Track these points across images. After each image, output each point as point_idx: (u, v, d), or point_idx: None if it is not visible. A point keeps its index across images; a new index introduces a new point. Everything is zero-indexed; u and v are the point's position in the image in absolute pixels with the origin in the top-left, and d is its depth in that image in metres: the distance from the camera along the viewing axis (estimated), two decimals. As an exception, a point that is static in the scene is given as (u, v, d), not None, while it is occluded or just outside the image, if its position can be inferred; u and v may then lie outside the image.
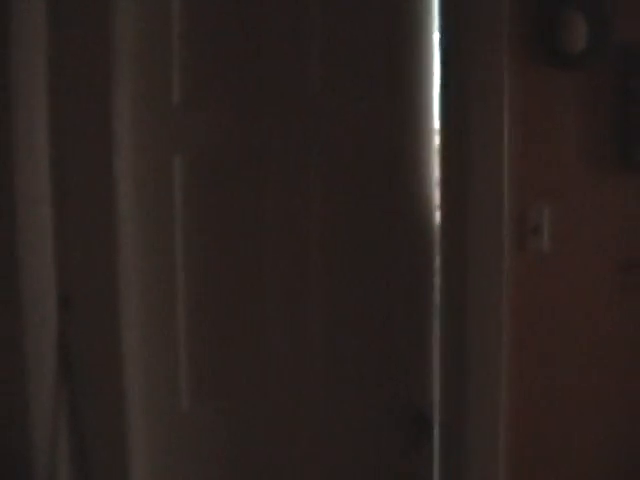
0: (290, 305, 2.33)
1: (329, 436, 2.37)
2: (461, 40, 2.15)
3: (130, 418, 2.19)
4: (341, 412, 2.36)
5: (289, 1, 2.25)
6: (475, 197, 2.17)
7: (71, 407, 2.12)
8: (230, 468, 2.35)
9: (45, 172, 2.09)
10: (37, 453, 2.04)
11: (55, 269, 2.12)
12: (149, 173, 2.23)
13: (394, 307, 2.34)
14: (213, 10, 2.23)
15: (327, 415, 2.37)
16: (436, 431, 2.34)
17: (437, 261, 2.30)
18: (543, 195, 2.20)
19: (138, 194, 2.22)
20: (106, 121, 2.12)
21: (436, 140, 2.28)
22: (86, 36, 2.10)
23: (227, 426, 2.34)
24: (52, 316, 2.11)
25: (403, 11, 2.25)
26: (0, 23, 2.00)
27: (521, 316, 2.21)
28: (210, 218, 2.28)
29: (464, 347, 2.21)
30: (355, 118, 2.29)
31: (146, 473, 2.27)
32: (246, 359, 2.33)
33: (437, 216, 2.29)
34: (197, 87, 2.24)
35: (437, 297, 2.31)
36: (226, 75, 2.25)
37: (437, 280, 2.31)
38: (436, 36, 2.25)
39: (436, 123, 2.27)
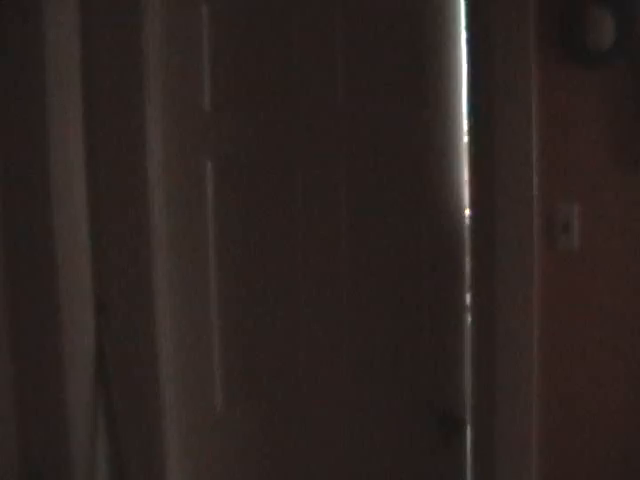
0: (321, 307, 2.35)
1: (360, 436, 2.39)
2: (488, 40, 2.16)
3: (165, 420, 2.22)
4: (371, 413, 2.38)
5: (316, 8, 2.27)
6: (505, 196, 2.18)
7: (108, 409, 2.15)
8: (263, 468, 2.38)
9: (81, 180, 2.12)
10: (75, 453, 2.08)
11: (91, 275, 2.15)
12: (181, 178, 2.26)
13: (424, 307, 2.36)
14: (242, 18, 2.26)
15: (358, 416, 2.39)
16: (468, 431, 2.35)
17: (468, 260, 2.31)
18: (572, 193, 2.20)
19: (171, 199, 2.25)
20: (139, 128, 2.15)
21: (465, 140, 2.29)
22: (119, 45, 2.14)
23: (260, 427, 2.36)
24: (89, 321, 2.14)
25: (430, 13, 2.27)
26: (35, 42, 2.04)
27: (551, 314, 2.22)
28: (242, 221, 2.30)
29: (494, 346, 2.21)
30: (383, 121, 2.31)
31: (181, 473, 2.30)
32: (278, 362, 2.35)
33: (467, 216, 2.31)
34: (227, 94, 2.27)
35: (468, 297, 2.33)
36: (255, 81, 2.28)
37: (467, 279, 2.32)
38: (463, 37, 2.26)
39: (465, 123, 2.29)
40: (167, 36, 2.22)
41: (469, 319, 2.30)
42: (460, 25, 2.27)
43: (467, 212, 2.30)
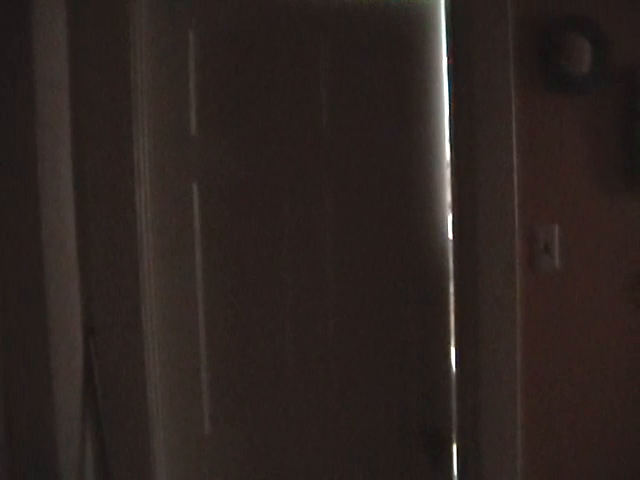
0: (308, 329, 2.37)
1: (348, 458, 2.40)
2: (469, 67, 2.23)
3: (154, 441, 2.20)
4: (359, 433, 2.40)
5: (301, 34, 2.32)
6: (486, 218, 2.24)
7: (97, 432, 2.14)
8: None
9: (69, 202, 2.12)
10: (64, 474, 2.06)
11: (80, 298, 2.14)
12: (168, 201, 2.27)
13: (411, 330, 2.39)
14: (228, 44, 2.29)
15: (346, 437, 2.40)
16: (455, 450, 2.38)
17: (451, 282, 2.36)
18: (552, 215, 2.27)
19: (158, 221, 2.25)
20: (126, 152, 2.16)
21: (447, 164, 2.35)
22: (106, 71, 2.15)
23: (248, 449, 2.36)
24: (78, 344, 2.13)
25: (412, 42, 2.34)
26: (24, 65, 2.05)
27: (534, 333, 2.27)
28: (228, 243, 2.32)
29: (479, 365, 2.25)
30: (366, 143, 2.36)
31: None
32: (266, 383, 2.36)
33: (450, 238, 2.36)
34: (213, 118, 2.30)
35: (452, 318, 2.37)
36: (241, 105, 2.31)
37: (451, 301, 2.37)
38: (444, 66, 2.32)
39: (447, 147, 2.34)
40: (154, 60, 2.24)
41: (454, 339, 2.34)
42: (441, 55, 2.34)
43: (450, 233, 2.35)
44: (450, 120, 2.31)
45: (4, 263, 2.05)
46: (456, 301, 2.32)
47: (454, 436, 2.38)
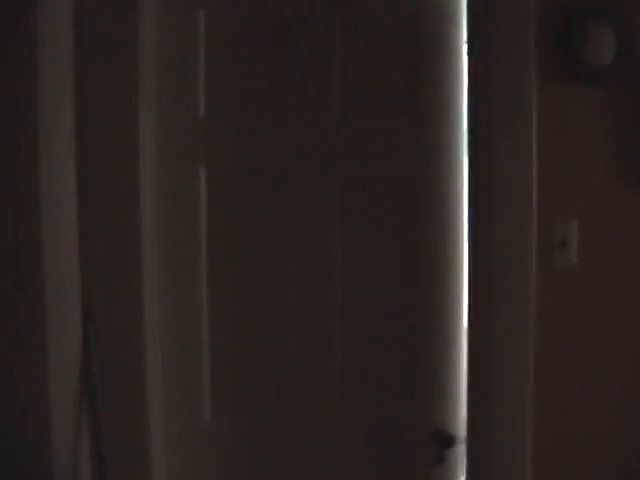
0: (313, 321, 2.29)
1: (351, 453, 2.33)
2: (488, 59, 2.17)
3: (152, 431, 2.11)
4: (364, 430, 2.33)
5: (314, 19, 2.25)
6: (503, 213, 2.17)
7: (93, 419, 2.05)
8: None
9: (71, 185, 2.03)
10: (58, 462, 1.99)
11: (80, 283, 2.05)
12: (174, 185, 2.19)
13: (420, 326, 2.33)
14: (238, 27, 2.21)
15: (348, 432, 2.33)
16: (462, 448, 2.32)
17: (465, 277, 2.29)
18: (571, 211, 2.21)
19: (163, 206, 2.17)
20: (133, 133, 2.07)
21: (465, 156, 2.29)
22: (113, 49, 2.06)
23: (248, 440, 2.28)
24: (76, 330, 2.05)
25: (430, 29, 2.27)
26: (26, 46, 1.98)
27: (549, 330, 2.20)
28: (235, 228, 2.24)
29: (492, 363, 2.19)
30: (379, 135, 2.29)
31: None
32: (268, 375, 2.28)
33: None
34: (222, 101, 2.22)
35: (464, 315, 2.30)
36: (251, 88, 2.23)
37: (465, 297, 2.30)
38: (463, 56, 2.27)
39: (465, 139, 2.28)
40: (162, 40, 2.15)
41: (467, 336, 2.27)
42: (461, 42, 2.28)
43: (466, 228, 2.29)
44: (468, 111, 2.24)
45: (2, 247, 1.99)
46: (470, 298, 2.24)
47: (463, 434, 2.32)
